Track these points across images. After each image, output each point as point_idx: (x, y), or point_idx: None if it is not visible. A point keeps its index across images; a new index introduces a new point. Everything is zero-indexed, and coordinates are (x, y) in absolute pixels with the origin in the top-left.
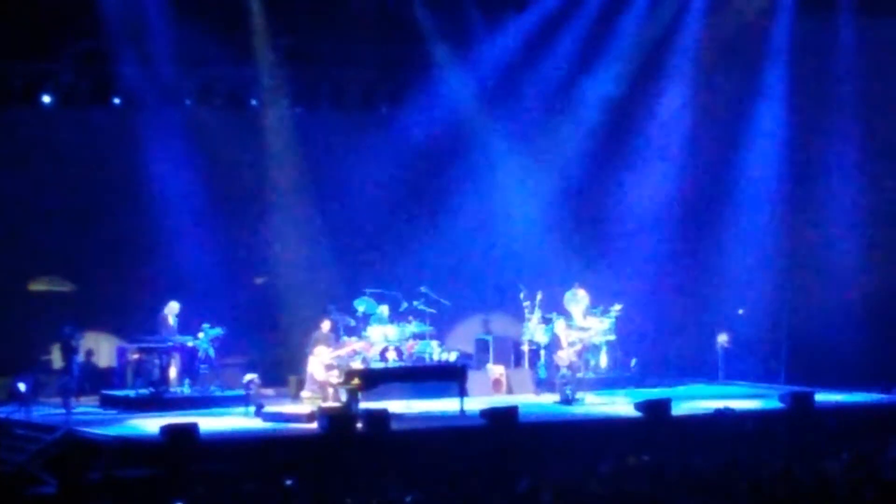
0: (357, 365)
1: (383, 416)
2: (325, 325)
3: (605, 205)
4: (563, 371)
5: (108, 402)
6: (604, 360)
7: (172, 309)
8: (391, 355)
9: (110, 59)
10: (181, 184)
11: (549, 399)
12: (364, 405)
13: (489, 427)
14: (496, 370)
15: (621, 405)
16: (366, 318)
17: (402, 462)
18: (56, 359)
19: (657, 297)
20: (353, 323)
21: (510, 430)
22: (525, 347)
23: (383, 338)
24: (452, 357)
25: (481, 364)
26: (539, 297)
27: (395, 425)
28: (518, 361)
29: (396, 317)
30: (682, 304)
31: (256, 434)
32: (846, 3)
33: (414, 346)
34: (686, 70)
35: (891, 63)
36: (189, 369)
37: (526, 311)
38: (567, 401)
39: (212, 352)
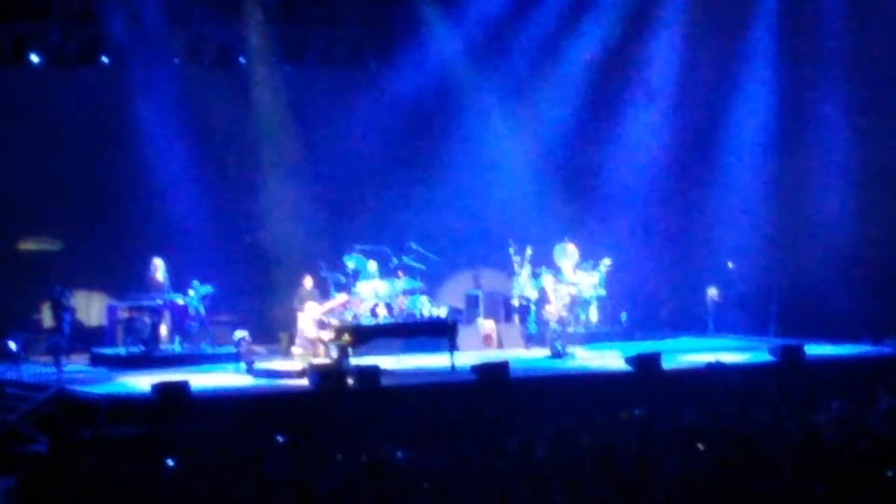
0: (348, 320)
1: (374, 371)
2: (308, 282)
3: (594, 159)
4: (553, 326)
5: (98, 361)
6: (594, 315)
7: (158, 266)
8: (381, 311)
9: (98, 18)
10: (170, 142)
11: (539, 354)
12: (354, 361)
13: (480, 382)
14: (486, 325)
15: (611, 359)
16: (356, 275)
17: (392, 417)
18: (46, 318)
19: (647, 251)
20: (343, 279)
21: (501, 385)
22: (515, 302)
23: (373, 294)
24: (443, 312)
25: (471, 319)
26: (529, 252)
27: (385, 381)
28: (508, 316)
29: (386, 273)
30: (672, 258)
31: (247, 391)
32: None
33: (404, 302)
34: (673, 23)
35: (879, 16)
36: (179, 327)
37: (516, 266)
38: (557, 355)
39: (202, 309)
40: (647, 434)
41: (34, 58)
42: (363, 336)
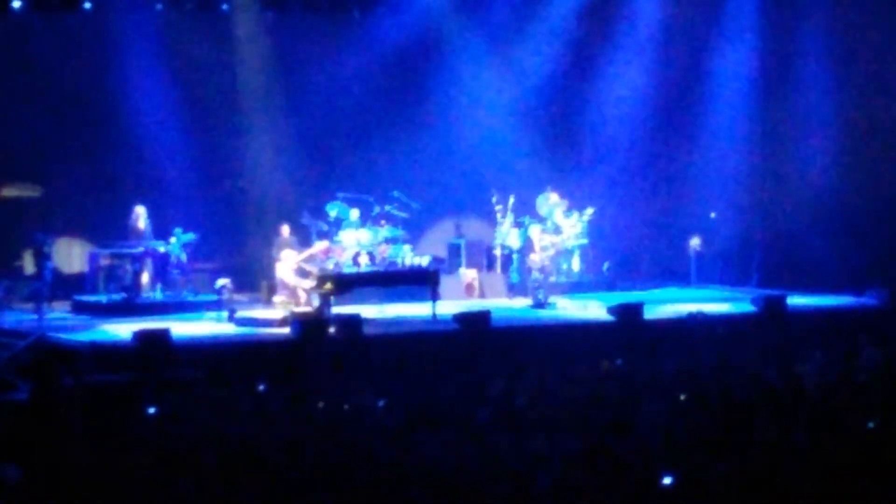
0: (330, 269)
1: (356, 320)
2: (285, 230)
3: (577, 109)
4: (536, 275)
5: (80, 308)
6: (576, 264)
7: (140, 213)
8: (363, 260)
9: None
10: (152, 88)
11: (521, 303)
12: (336, 310)
13: (462, 331)
14: (469, 274)
15: (593, 309)
16: (338, 223)
17: (374, 367)
18: (28, 265)
19: (629, 200)
20: (325, 227)
21: (483, 335)
22: (497, 252)
23: (356, 242)
24: (425, 261)
25: (454, 268)
26: (511, 200)
27: (367, 330)
28: (490, 266)
29: (369, 221)
30: (655, 207)
31: (229, 339)
32: None
33: (386, 251)
34: None
35: None
36: (161, 274)
37: (498, 215)
38: (539, 305)
39: (184, 257)
40: (628, 384)
41: (16, 3)
42: (345, 284)
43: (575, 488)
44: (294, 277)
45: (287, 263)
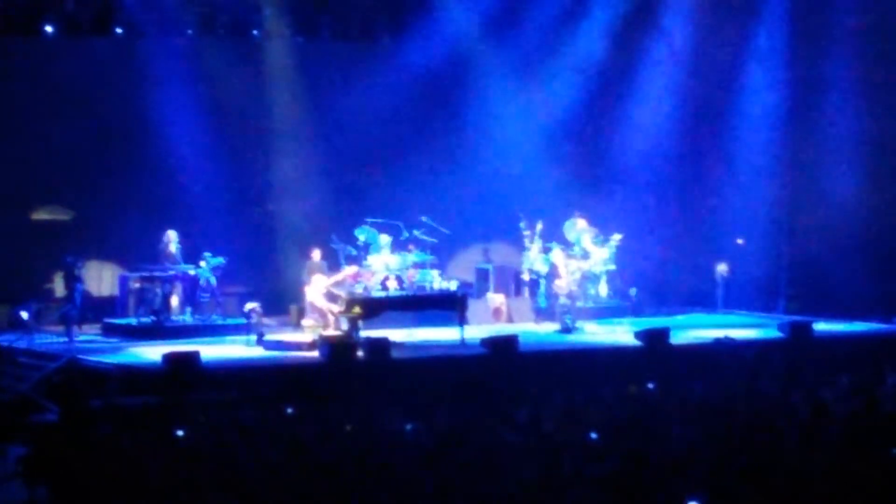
0: (358, 293)
1: (384, 344)
2: (316, 255)
3: (605, 134)
4: (563, 300)
5: (110, 331)
6: (603, 290)
7: (171, 238)
8: (392, 284)
9: None
10: (183, 113)
11: (548, 328)
12: (365, 333)
13: (489, 356)
14: (496, 299)
15: (621, 334)
16: (367, 247)
17: (402, 390)
18: (58, 287)
19: (657, 226)
20: (354, 252)
21: (510, 359)
22: (525, 276)
23: (384, 266)
24: (453, 286)
25: (482, 293)
26: (539, 226)
27: (395, 353)
28: (518, 290)
29: (397, 245)
30: (682, 233)
31: (257, 362)
32: None
33: (415, 275)
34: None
35: None
36: (191, 298)
37: (526, 240)
38: (567, 330)
39: (213, 280)
40: (655, 408)
41: (49, 28)
42: (373, 308)
43: None
44: (323, 301)
45: (317, 287)
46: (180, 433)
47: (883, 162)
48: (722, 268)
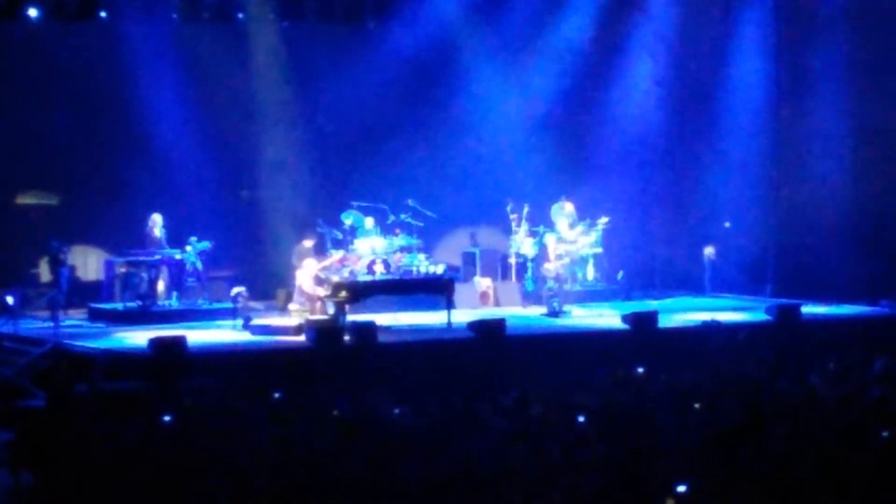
0: (345, 277)
1: (371, 328)
2: (308, 242)
3: (592, 118)
4: (550, 284)
5: (96, 316)
6: (591, 273)
7: (156, 221)
8: (378, 268)
9: None
10: (168, 97)
11: (536, 311)
12: (351, 318)
13: (476, 339)
14: (483, 283)
15: (608, 318)
16: (353, 231)
17: (389, 374)
18: (44, 272)
19: (644, 209)
20: (340, 236)
21: (497, 343)
22: (512, 260)
23: (370, 250)
24: (440, 270)
25: (468, 277)
26: (526, 209)
27: (382, 338)
28: (505, 274)
29: (384, 229)
30: (669, 216)
31: (244, 347)
32: None
33: (401, 259)
34: None
35: None
36: (177, 282)
37: (513, 224)
38: (554, 313)
39: (199, 265)
40: (643, 392)
41: (32, 12)
42: (360, 292)
43: (590, 497)
44: (312, 285)
45: (307, 271)
46: (167, 418)
47: (870, 145)
48: (709, 251)
